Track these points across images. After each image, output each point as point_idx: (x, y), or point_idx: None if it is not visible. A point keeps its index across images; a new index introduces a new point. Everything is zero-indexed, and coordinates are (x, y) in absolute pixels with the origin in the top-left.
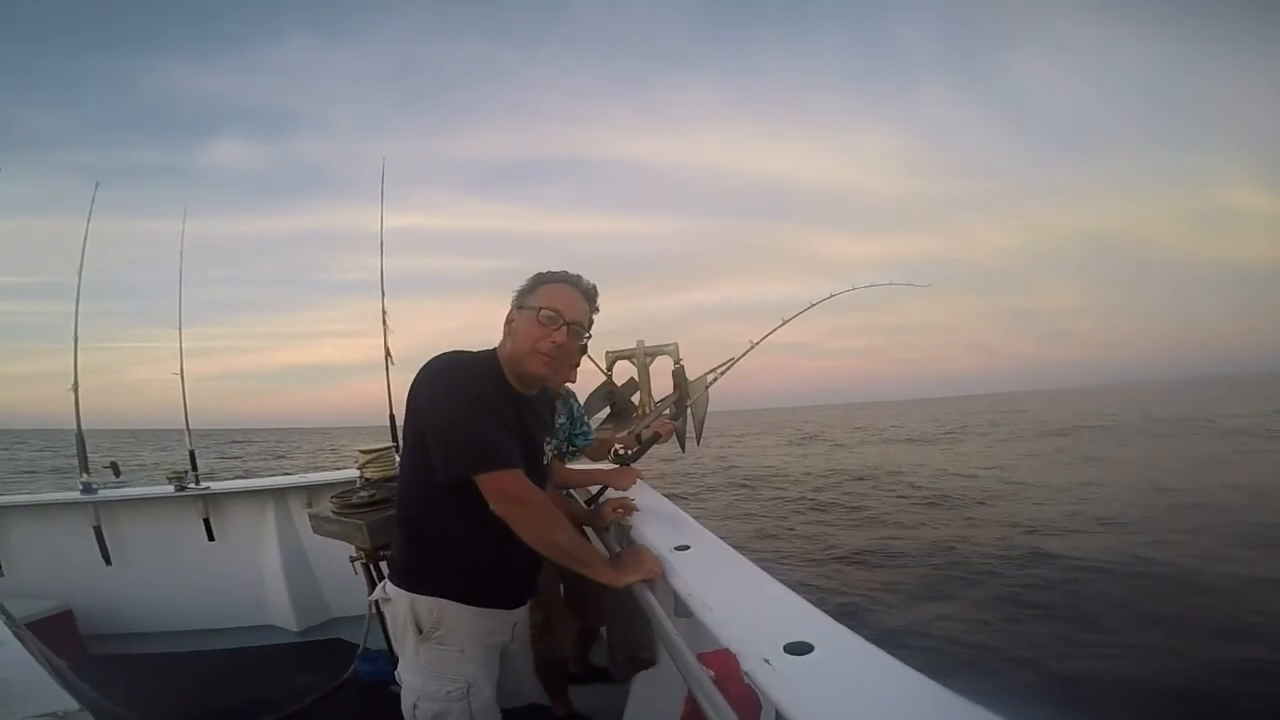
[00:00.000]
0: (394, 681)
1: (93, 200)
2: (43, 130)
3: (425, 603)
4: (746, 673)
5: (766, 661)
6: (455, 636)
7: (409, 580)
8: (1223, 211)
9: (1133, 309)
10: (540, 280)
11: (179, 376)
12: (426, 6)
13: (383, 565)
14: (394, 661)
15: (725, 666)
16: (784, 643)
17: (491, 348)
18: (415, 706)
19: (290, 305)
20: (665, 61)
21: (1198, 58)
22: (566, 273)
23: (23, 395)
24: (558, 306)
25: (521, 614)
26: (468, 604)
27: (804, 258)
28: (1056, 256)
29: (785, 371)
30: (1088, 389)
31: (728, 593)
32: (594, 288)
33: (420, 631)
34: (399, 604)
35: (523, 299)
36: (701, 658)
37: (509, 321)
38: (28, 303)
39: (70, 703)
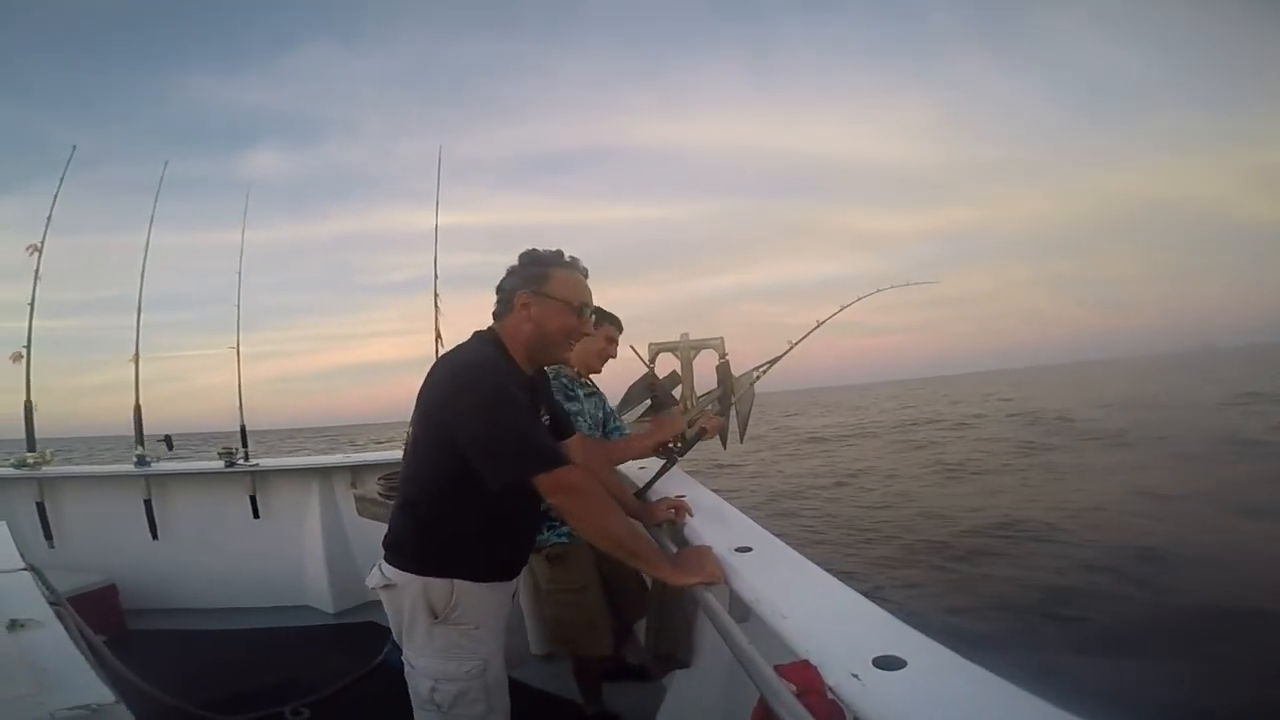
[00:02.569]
0: None
1: (160, 183)
2: (92, 151)
3: (439, 584)
4: (831, 687)
5: (855, 676)
6: (471, 614)
7: (419, 564)
8: None
9: (1192, 274)
10: (547, 264)
11: (234, 350)
12: (438, 7)
13: None
14: None
15: (806, 679)
16: (872, 656)
17: (487, 329)
18: (434, 690)
19: (338, 308)
20: (683, 44)
21: (1243, 11)
22: (563, 254)
23: (92, 406)
24: (586, 299)
25: (518, 583)
26: (480, 581)
27: (844, 234)
28: (1107, 222)
29: (839, 350)
30: (1155, 358)
31: (800, 600)
32: (586, 269)
33: (435, 614)
34: (407, 589)
35: (538, 284)
36: (778, 669)
37: (525, 306)
38: (94, 318)
39: (105, 693)
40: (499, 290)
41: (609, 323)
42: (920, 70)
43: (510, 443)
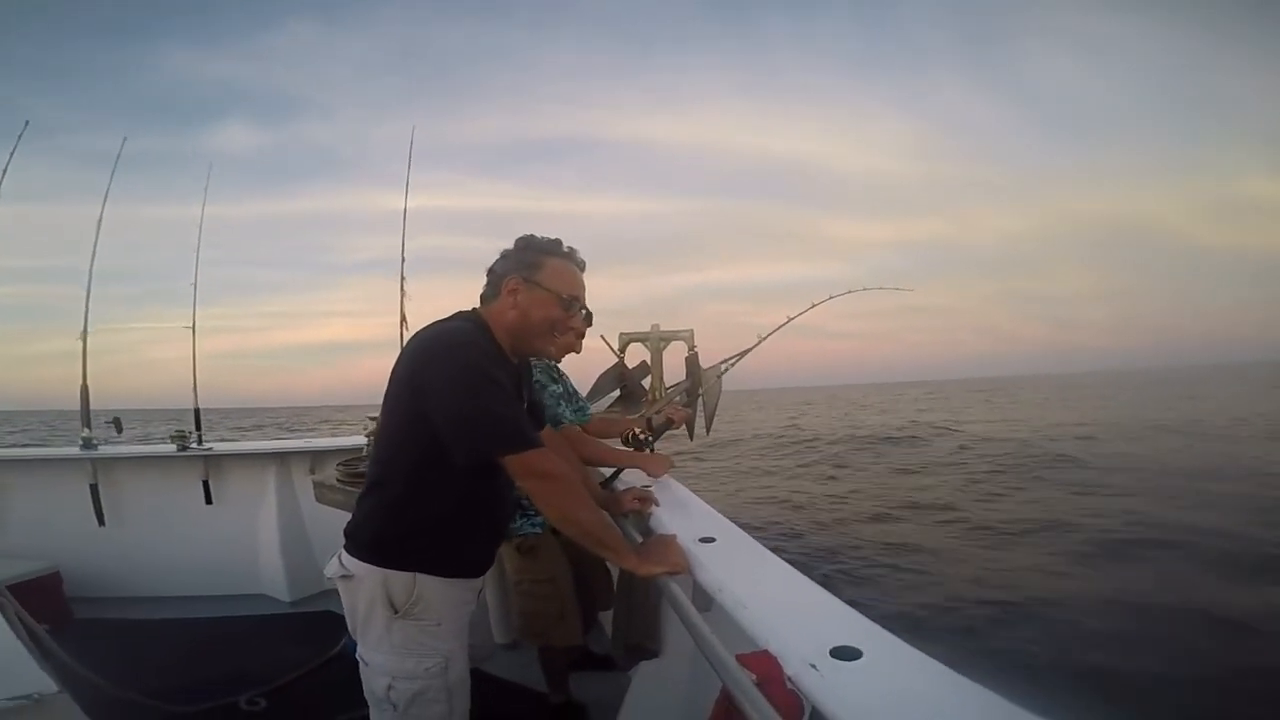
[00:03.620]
0: None
1: (116, 158)
2: (53, 118)
3: (401, 578)
4: (790, 677)
5: (813, 666)
6: (433, 611)
7: (381, 555)
8: (1233, 200)
9: (1144, 295)
10: (543, 251)
11: (190, 329)
12: None
13: None
14: None
15: (766, 669)
16: (829, 646)
17: (471, 310)
18: (390, 688)
19: (300, 286)
20: (670, 41)
21: (1208, 50)
22: (562, 244)
23: (36, 375)
24: (578, 294)
25: (484, 580)
26: (444, 576)
27: (814, 239)
28: (1067, 242)
29: (794, 351)
30: (1100, 374)
31: (761, 590)
32: (584, 262)
33: (394, 609)
34: (366, 581)
35: (530, 272)
36: (739, 659)
37: (513, 291)
38: (42, 286)
39: (48, 684)
40: (489, 272)
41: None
42: (900, 85)
43: (482, 418)
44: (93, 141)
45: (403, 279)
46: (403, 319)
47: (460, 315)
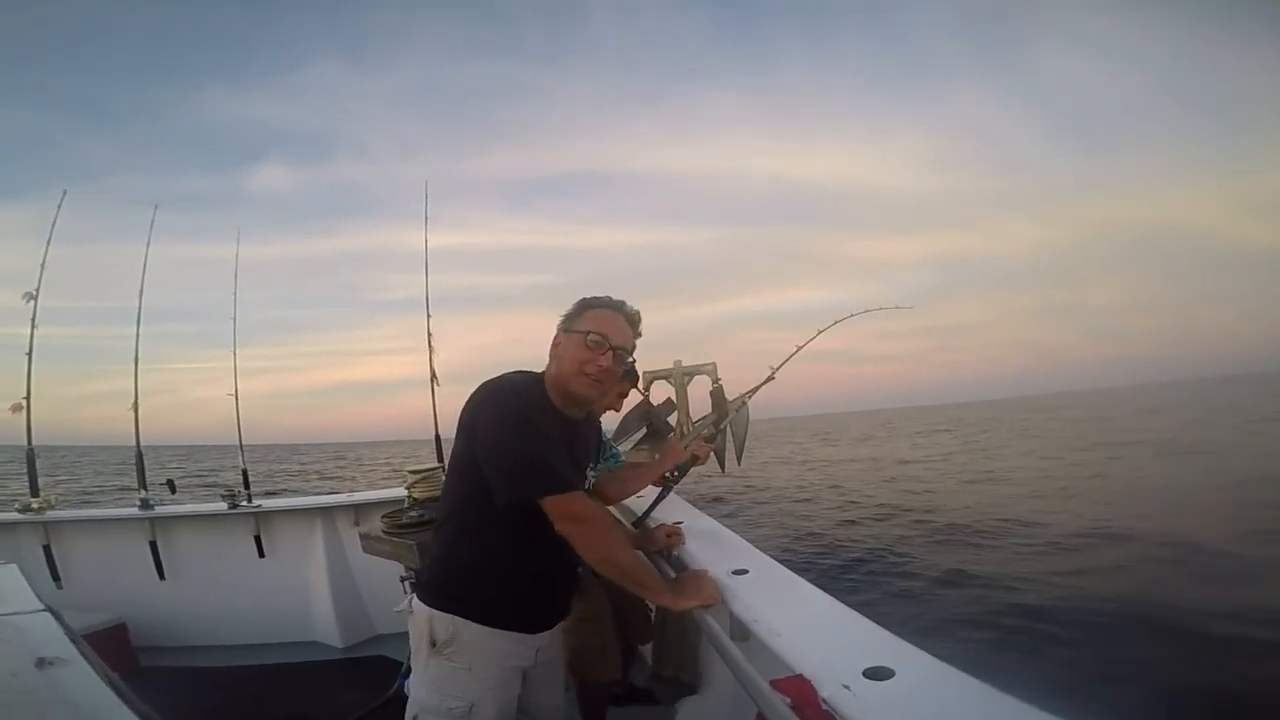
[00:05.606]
0: None
1: (151, 223)
2: (98, 159)
3: (442, 618)
4: (824, 699)
5: (846, 687)
6: (465, 654)
7: (430, 596)
8: (1275, 198)
9: (1186, 301)
10: (586, 305)
11: (234, 397)
12: (447, 30)
13: None
14: None
15: (801, 693)
16: (862, 668)
17: (538, 370)
18: (416, 719)
19: (338, 324)
20: (684, 71)
21: (1233, 44)
22: (610, 298)
23: (89, 414)
24: (605, 331)
25: (545, 639)
26: (483, 624)
27: (839, 261)
28: (1102, 250)
29: (827, 378)
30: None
31: (794, 617)
32: (637, 314)
33: (434, 645)
34: (418, 618)
35: (569, 323)
36: (774, 684)
37: (555, 345)
38: (94, 327)
39: None
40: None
41: (627, 378)
42: (918, 100)
43: (521, 460)
44: (140, 183)
45: (429, 334)
46: (432, 372)
47: (521, 372)
